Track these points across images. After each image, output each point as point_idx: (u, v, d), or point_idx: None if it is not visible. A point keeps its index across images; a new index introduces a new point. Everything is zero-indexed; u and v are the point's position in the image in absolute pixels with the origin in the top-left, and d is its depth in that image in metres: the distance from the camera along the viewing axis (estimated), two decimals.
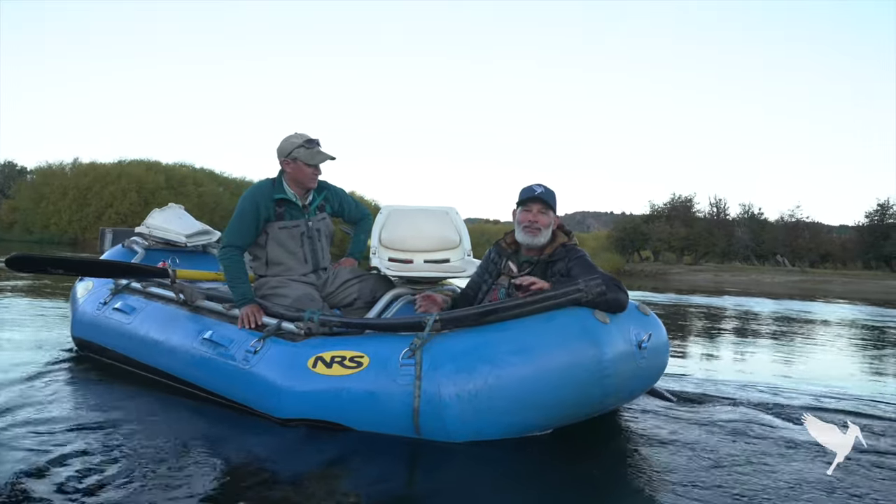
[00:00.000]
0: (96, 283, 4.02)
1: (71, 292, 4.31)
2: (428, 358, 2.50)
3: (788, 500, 2.14)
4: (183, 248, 4.58)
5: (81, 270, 3.66)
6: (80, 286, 4.17)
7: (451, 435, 2.47)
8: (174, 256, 4.46)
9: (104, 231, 4.96)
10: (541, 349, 2.48)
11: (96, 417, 2.76)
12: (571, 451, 2.60)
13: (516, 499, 2.18)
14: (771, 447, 2.72)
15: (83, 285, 4.13)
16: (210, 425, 2.79)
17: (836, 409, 3.52)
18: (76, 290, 4.18)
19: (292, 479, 2.20)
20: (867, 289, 27.81)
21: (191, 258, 4.63)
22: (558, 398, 2.50)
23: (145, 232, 4.55)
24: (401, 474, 2.37)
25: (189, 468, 2.23)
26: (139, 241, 4.52)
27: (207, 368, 3.04)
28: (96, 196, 31.84)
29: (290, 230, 3.28)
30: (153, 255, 4.42)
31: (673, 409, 3.31)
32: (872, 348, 7.18)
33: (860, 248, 43.12)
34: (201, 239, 4.67)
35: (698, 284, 27.10)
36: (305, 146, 3.21)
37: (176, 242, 4.52)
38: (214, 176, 38.02)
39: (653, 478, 2.32)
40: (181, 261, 4.39)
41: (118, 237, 4.77)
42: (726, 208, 48.69)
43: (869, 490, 2.25)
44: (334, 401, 2.61)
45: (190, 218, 4.80)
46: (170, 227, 4.55)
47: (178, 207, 4.82)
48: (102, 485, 2.05)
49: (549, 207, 2.95)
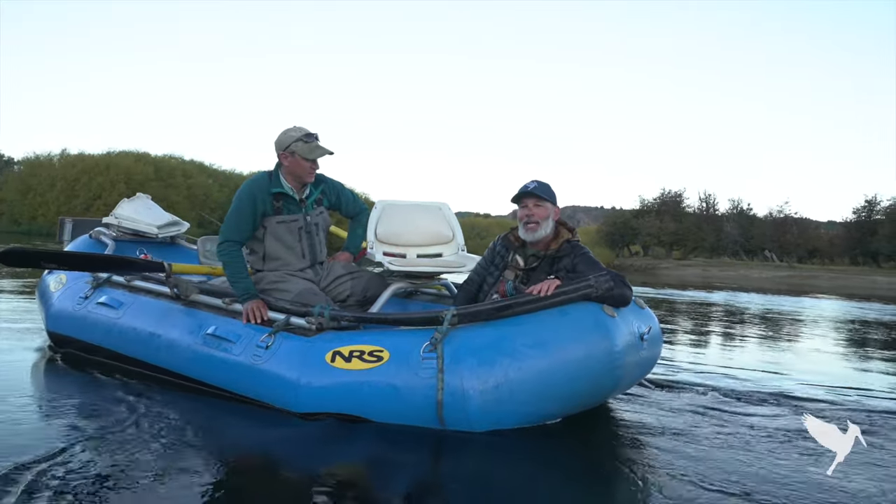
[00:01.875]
0: (70, 277, 3.89)
1: (39, 286, 4.15)
2: (449, 351, 2.58)
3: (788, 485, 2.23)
4: (153, 239, 4.51)
5: (76, 265, 3.56)
6: (50, 280, 4.01)
7: (473, 425, 2.57)
8: (142, 247, 4.41)
9: (63, 220, 4.82)
10: (557, 342, 2.59)
11: (96, 413, 2.74)
12: (581, 438, 2.73)
13: (539, 484, 2.24)
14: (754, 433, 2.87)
15: (54, 279, 3.98)
16: (220, 419, 2.81)
17: (821, 400, 3.66)
18: (47, 284, 4.01)
19: (321, 471, 2.25)
20: (853, 284, 28.12)
21: (160, 249, 4.58)
22: (574, 388, 2.63)
23: (114, 223, 4.45)
24: (424, 463, 2.43)
25: (207, 462, 2.26)
26: (106, 232, 4.41)
27: (213, 363, 3.03)
28: (84, 187, 31.57)
29: (288, 224, 3.26)
30: (122, 246, 4.34)
31: (661, 396, 3.49)
32: (855, 343, 7.31)
33: (847, 243, 43.63)
34: (171, 230, 4.62)
35: (687, 279, 27.28)
36: (304, 140, 3.18)
37: (147, 233, 4.46)
38: (204, 168, 37.76)
39: (659, 464, 2.43)
40: (150, 252, 4.35)
41: (79, 227, 4.66)
42: (715, 203, 49.11)
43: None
44: (356, 394, 2.66)
45: (159, 209, 4.75)
46: (140, 217, 4.48)
47: (146, 198, 4.75)
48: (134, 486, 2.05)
49: (544, 199, 3.01)
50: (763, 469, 2.40)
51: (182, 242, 4.76)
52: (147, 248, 4.43)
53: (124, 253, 4.20)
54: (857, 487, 2.27)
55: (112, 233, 4.42)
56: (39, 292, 4.11)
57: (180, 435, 2.51)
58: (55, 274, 4.01)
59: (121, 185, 31.14)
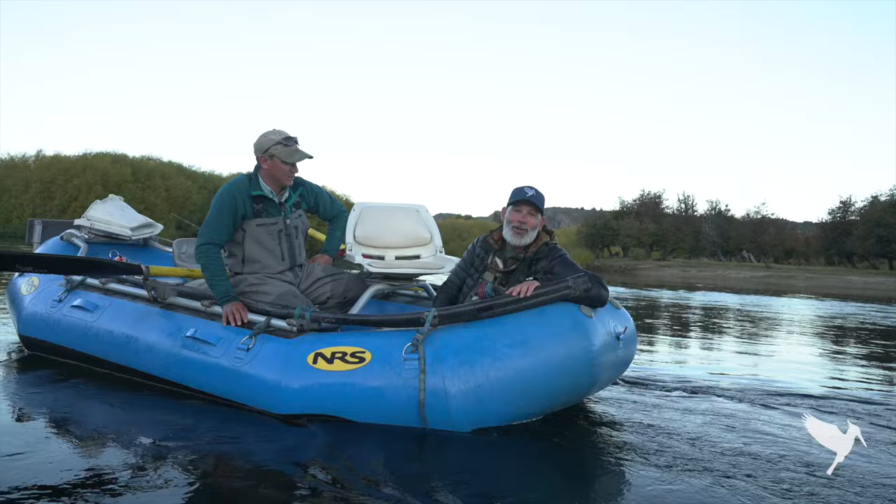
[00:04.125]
0: (43, 280, 3.83)
1: (9, 288, 4.09)
2: (430, 352, 2.61)
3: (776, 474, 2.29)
4: (126, 242, 4.48)
5: (53, 268, 3.48)
6: (22, 282, 3.94)
7: (455, 425, 2.61)
8: (115, 249, 4.37)
9: (32, 222, 4.75)
10: (536, 342, 2.64)
11: (77, 418, 2.73)
12: (562, 436, 2.76)
13: (522, 481, 2.27)
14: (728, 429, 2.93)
15: (25, 282, 3.91)
16: (202, 422, 2.78)
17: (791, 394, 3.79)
18: (18, 287, 3.94)
19: (303, 473, 2.26)
20: (829, 284, 28.65)
21: (133, 251, 4.55)
22: (553, 387, 2.69)
23: (86, 224, 4.40)
24: (408, 462, 2.44)
25: (190, 466, 2.25)
26: (77, 234, 4.36)
27: (193, 366, 3.02)
28: (60, 189, 31.22)
29: (267, 227, 3.26)
30: (94, 249, 4.29)
31: (638, 394, 3.57)
32: (830, 341, 7.47)
33: (823, 244, 44.37)
34: (144, 232, 4.58)
35: (666, 280, 27.59)
36: (283, 144, 3.18)
37: (120, 235, 4.42)
38: (183, 170, 37.48)
39: (637, 458, 2.48)
40: (123, 254, 4.31)
41: (49, 229, 4.60)
42: (694, 205, 49.70)
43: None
44: (339, 395, 2.68)
45: (132, 210, 4.71)
46: (113, 219, 4.43)
47: (118, 199, 4.71)
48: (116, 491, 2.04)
49: (538, 210, 3.08)
50: (741, 468, 2.45)
51: (155, 244, 4.72)
52: (120, 250, 4.39)
53: (97, 255, 4.16)
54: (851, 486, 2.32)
55: (84, 235, 4.37)
56: (10, 296, 4.05)
57: (159, 439, 2.51)
58: (27, 277, 3.94)
59: (98, 187, 30.80)
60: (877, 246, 38.20)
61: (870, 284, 28.76)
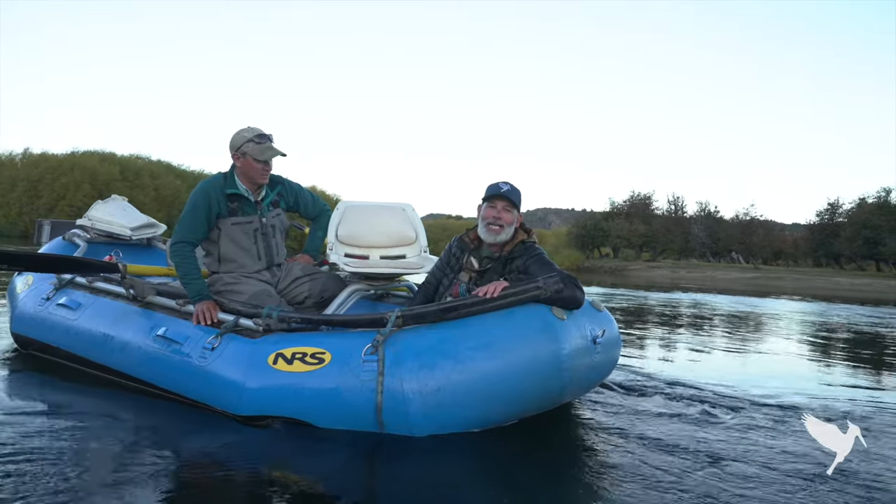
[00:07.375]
0: (37, 278, 3.86)
1: (9, 287, 4.14)
2: (391, 354, 2.52)
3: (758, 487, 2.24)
4: (127, 242, 4.48)
5: (29, 265, 3.51)
6: (18, 281, 4.00)
7: (414, 429, 2.51)
8: (117, 249, 4.35)
9: (41, 223, 4.84)
10: (502, 344, 2.55)
11: (42, 417, 2.68)
12: (530, 442, 2.67)
13: (476, 490, 2.21)
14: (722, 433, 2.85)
15: (22, 280, 3.97)
16: (166, 423, 2.75)
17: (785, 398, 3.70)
18: (15, 285, 4.01)
19: (253, 476, 2.20)
20: (817, 285, 28.78)
21: (135, 251, 4.55)
22: (519, 391, 2.59)
23: (88, 224, 4.42)
24: (362, 469, 2.38)
25: (146, 468, 2.20)
26: (80, 234, 4.39)
27: (161, 366, 2.98)
28: (48, 188, 30.90)
29: (242, 226, 3.23)
30: (95, 249, 4.31)
31: (624, 399, 3.46)
32: (817, 343, 7.46)
33: (811, 245, 44.56)
34: (146, 232, 4.57)
35: (656, 281, 27.64)
36: (256, 141, 3.15)
37: (120, 235, 4.42)
38: (171, 168, 37.21)
39: (610, 468, 2.40)
40: (124, 254, 4.29)
41: (56, 229, 4.64)
42: (684, 206, 49.87)
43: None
44: (296, 397, 2.60)
45: (134, 210, 4.70)
46: (114, 219, 4.44)
47: (121, 199, 4.70)
48: (57, 489, 2.00)
49: (514, 206, 3.00)
50: (737, 468, 2.41)
51: (158, 245, 4.71)
52: (122, 249, 4.38)
53: (97, 255, 4.16)
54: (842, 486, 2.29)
55: (86, 234, 4.39)
56: (9, 293, 4.10)
57: (118, 440, 2.45)
58: (24, 275, 3.99)
59: (86, 186, 30.56)
60: (864, 248, 38.40)
61: (856, 286, 28.93)
